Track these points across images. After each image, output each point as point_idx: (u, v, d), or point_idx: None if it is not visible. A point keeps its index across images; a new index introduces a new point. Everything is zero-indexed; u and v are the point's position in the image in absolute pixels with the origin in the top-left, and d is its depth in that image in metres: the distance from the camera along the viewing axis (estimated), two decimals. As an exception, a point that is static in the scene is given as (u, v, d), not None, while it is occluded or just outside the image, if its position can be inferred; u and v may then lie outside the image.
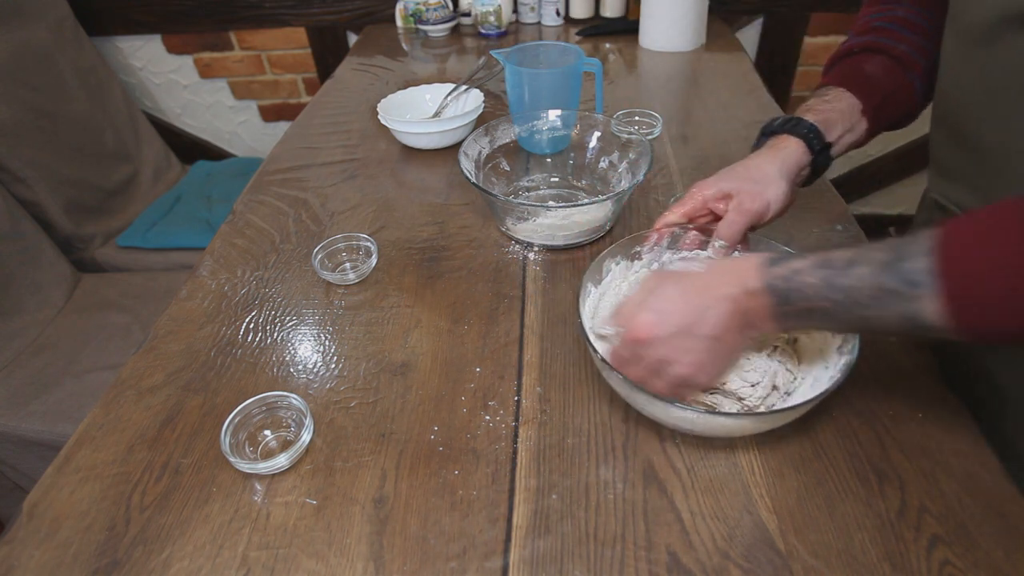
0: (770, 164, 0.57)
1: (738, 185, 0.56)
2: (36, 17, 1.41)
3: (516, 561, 0.45)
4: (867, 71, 0.60)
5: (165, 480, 0.52)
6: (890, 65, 0.60)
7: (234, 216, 0.85)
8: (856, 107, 0.59)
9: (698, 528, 0.47)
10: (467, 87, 1.04)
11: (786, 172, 0.57)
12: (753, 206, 0.56)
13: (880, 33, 0.61)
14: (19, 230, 1.24)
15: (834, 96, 0.60)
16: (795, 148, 0.57)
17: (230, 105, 1.87)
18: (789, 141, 0.58)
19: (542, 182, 0.87)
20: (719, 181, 0.57)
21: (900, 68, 0.60)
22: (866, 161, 1.86)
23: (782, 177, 0.56)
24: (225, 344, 0.65)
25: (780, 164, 0.57)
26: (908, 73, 0.60)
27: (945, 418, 0.53)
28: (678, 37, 1.31)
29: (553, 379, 0.59)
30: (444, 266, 0.73)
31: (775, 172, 0.56)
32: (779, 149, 0.58)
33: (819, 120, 0.58)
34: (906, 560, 0.44)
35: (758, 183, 0.56)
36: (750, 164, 0.57)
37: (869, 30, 0.63)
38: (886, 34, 0.61)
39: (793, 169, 0.57)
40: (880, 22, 0.62)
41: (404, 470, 0.52)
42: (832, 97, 0.60)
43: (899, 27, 0.61)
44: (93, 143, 1.48)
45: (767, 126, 0.61)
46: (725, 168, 0.59)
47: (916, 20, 0.61)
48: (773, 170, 0.56)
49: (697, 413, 0.47)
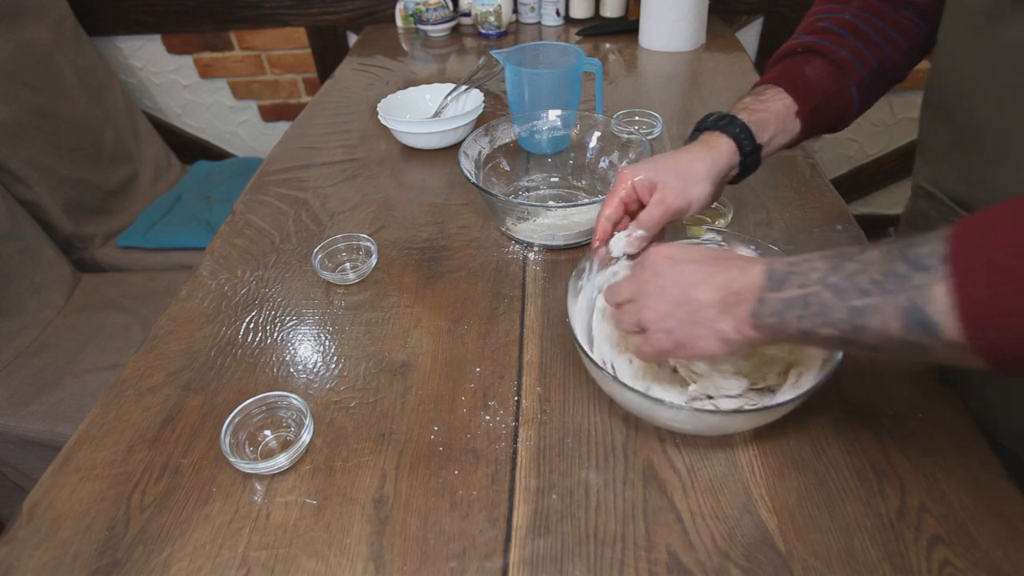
0: (700, 162, 0.57)
1: (664, 178, 0.56)
2: (36, 17, 1.41)
3: (516, 561, 0.45)
4: (806, 73, 0.60)
5: (165, 480, 0.52)
6: (830, 69, 0.60)
7: (234, 216, 0.85)
8: (791, 108, 0.60)
9: (698, 528, 0.47)
10: (467, 87, 1.04)
11: (714, 173, 0.57)
12: (675, 203, 0.56)
13: (824, 35, 0.61)
14: (19, 230, 1.24)
15: (771, 96, 0.60)
16: (726, 148, 0.58)
17: (230, 105, 1.87)
18: (721, 140, 0.58)
19: (542, 182, 0.87)
20: (647, 169, 0.57)
21: (839, 73, 0.60)
22: (866, 161, 1.86)
23: (708, 177, 0.57)
24: (225, 344, 0.65)
25: (710, 164, 0.57)
26: (846, 78, 0.60)
27: (945, 418, 0.53)
28: (678, 37, 1.31)
29: (553, 379, 0.59)
30: (444, 266, 0.73)
31: (703, 171, 0.57)
32: (711, 148, 0.58)
33: (753, 120, 0.58)
34: (906, 560, 0.44)
35: (684, 180, 0.56)
36: (680, 159, 0.57)
37: (814, 30, 0.63)
38: (829, 36, 0.61)
39: (722, 170, 0.58)
40: (826, 23, 0.62)
41: (404, 470, 0.52)
42: (768, 97, 0.60)
43: (843, 31, 0.61)
44: (93, 143, 1.48)
45: (702, 121, 0.61)
46: (656, 155, 0.59)
47: (861, 26, 0.61)
48: (702, 169, 0.57)
49: (678, 411, 0.47)
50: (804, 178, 0.85)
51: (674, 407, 0.47)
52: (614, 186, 0.59)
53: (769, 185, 0.83)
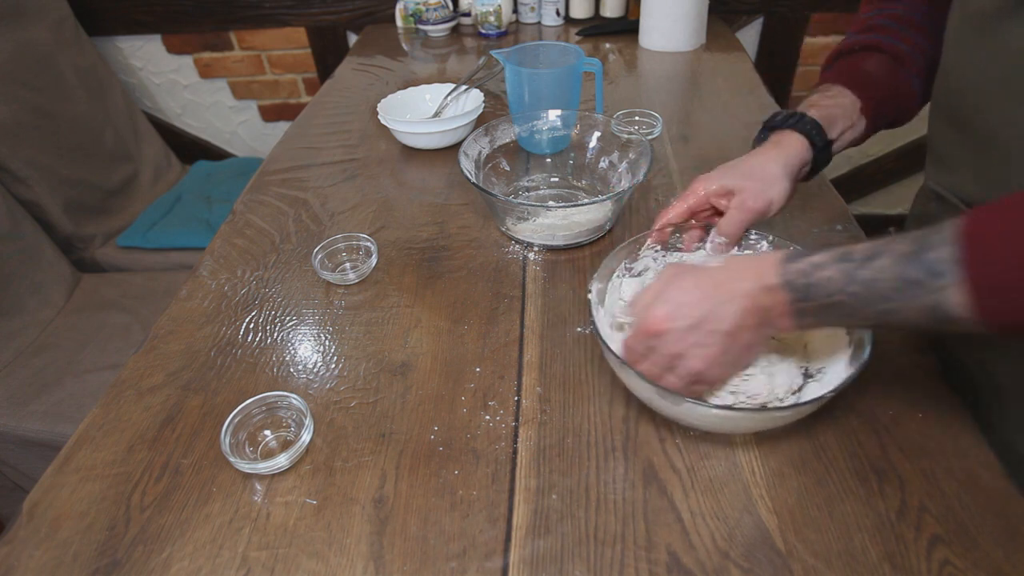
0: (774, 163, 0.57)
1: (742, 183, 0.56)
2: (36, 17, 1.41)
3: (516, 561, 0.45)
4: (866, 69, 0.60)
5: (165, 480, 0.52)
6: (889, 64, 0.60)
7: (234, 216, 0.85)
8: (856, 105, 0.60)
9: (698, 528, 0.47)
10: (467, 87, 1.04)
11: (789, 170, 0.57)
12: (756, 205, 0.56)
13: (879, 31, 0.61)
14: (19, 230, 1.24)
15: (836, 93, 0.60)
16: (798, 145, 0.57)
17: (230, 105, 1.87)
18: (792, 137, 0.58)
19: (542, 182, 0.87)
20: (722, 177, 0.57)
21: (899, 67, 0.60)
22: (866, 161, 1.86)
23: (786, 176, 0.56)
24: (225, 344, 0.65)
25: (784, 162, 0.57)
26: (907, 72, 0.60)
27: (945, 418, 0.53)
28: (678, 37, 1.31)
29: (553, 379, 0.59)
30: (444, 266, 0.73)
31: (779, 171, 0.56)
32: (783, 146, 0.57)
33: (822, 116, 0.58)
34: (906, 560, 0.44)
35: (762, 181, 0.56)
36: (754, 162, 0.57)
37: (868, 28, 0.62)
38: (885, 32, 0.61)
39: (796, 167, 0.57)
40: (880, 20, 0.62)
41: (404, 470, 0.52)
42: (834, 94, 0.60)
43: (898, 25, 0.61)
44: (93, 143, 1.48)
45: (770, 120, 0.61)
46: (728, 163, 0.59)
47: (915, 18, 0.61)
48: (777, 169, 0.56)
49: (716, 409, 0.46)
50: (804, 178, 0.85)
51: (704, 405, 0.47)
52: (683, 194, 0.59)
53: (769, 185, 0.83)
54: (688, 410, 0.48)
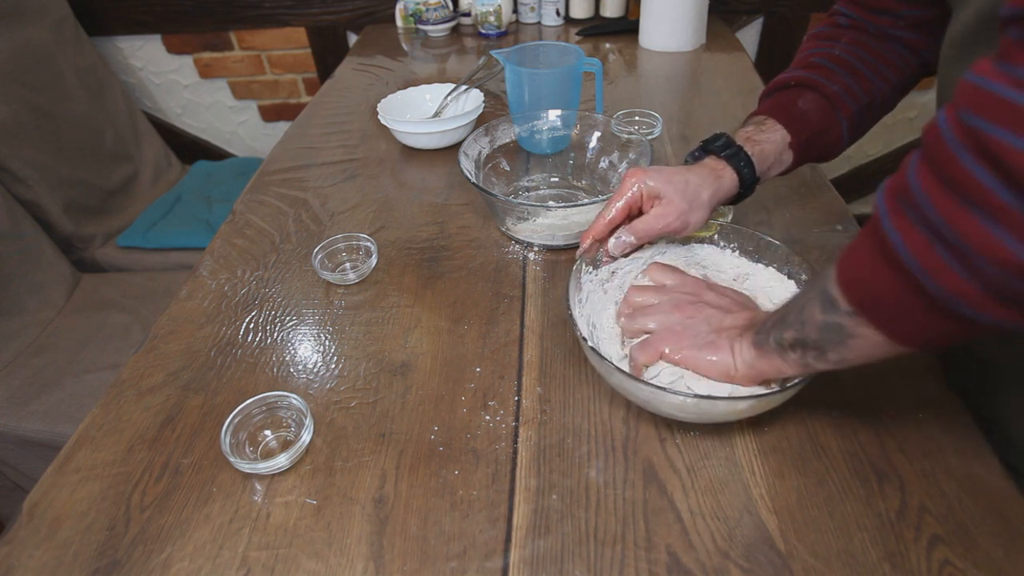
0: (706, 190, 0.58)
1: (671, 195, 0.57)
2: (36, 17, 1.41)
3: (516, 561, 0.45)
4: (800, 107, 0.62)
5: (165, 480, 0.52)
6: (821, 103, 0.62)
7: (234, 216, 0.85)
8: (786, 140, 0.62)
9: (698, 528, 0.47)
10: (467, 87, 1.04)
11: (714, 202, 0.59)
12: (674, 223, 0.58)
13: (816, 70, 0.63)
14: (19, 230, 1.24)
15: (769, 127, 0.62)
16: (729, 180, 0.60)
17: (230, 105, 1.87)
18: (727, 172, 0.60)
19: (542, 182, 0.87)
20: (656, 179, 0.58)
21: (830, 107, 0.62)
22: (866, 161, 1.86)
23: (709, 205, 0.59)
24: (225, 344, 0.65)
25: (712, 192, 0.59)
26: (837, 112, 0.62)
27: (945, 418, 0.53)
28: (678, 37, 1.31)
29: (553, 379, 0.59)
30: (444, 266, 0.73)
31: (706, 199, 0.58)
32: (717, 177, 0.59)
33: (756, 152, 0.60)
34: (906, 560, 0.44)
35: (689, 203, 0.58)
36: (690, 180, 0.58)
37: (807, 65, 0.64)
38: (822, 72, 0.63)
39: (722, 199, 0.60)
40: (817, 58, 0.64)
41: (404, 470, 0.52)
42: (768, 128, 0.62)
43: (834, 66, 0.63)
44: (93, 143, 1.48)
45: (708, 142, 0.62)
46: (663, 167, 0.60)
47: (851, 60, 0.62)
48: (706, 196, 0.58)
49: (685, 397, 0.47)
50: (804, 178, 0.85)
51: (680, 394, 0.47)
52: (619, 188, 0.59)
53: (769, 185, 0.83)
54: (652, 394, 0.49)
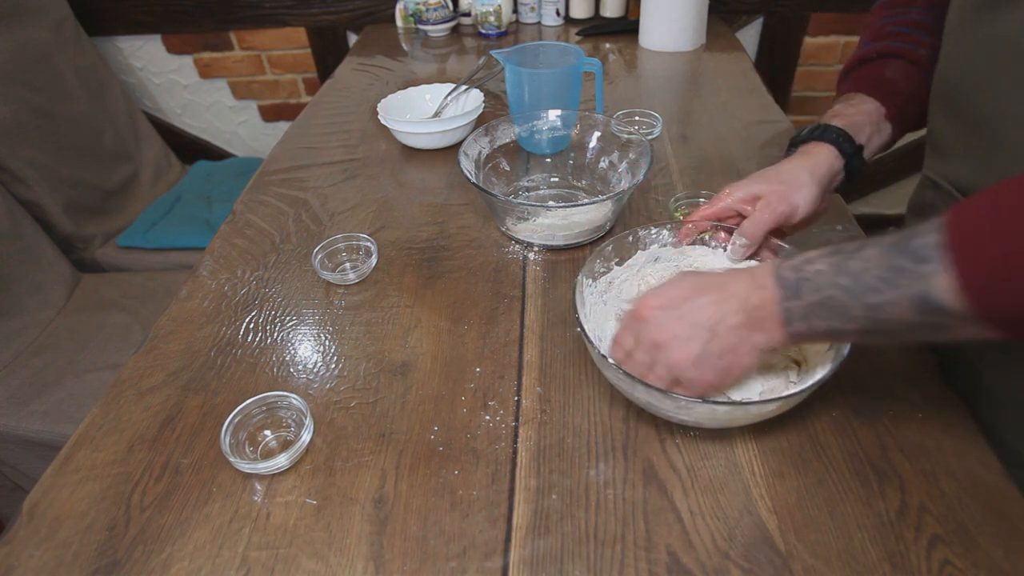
0: (801, 168, 0.57)
1: (767, 187, 0.57)
2: (36, 17, 1.41)
3: (516, 561, 0.45)
4: (886, 76, 0.61)
5: (165, 480, 0.52)
6: (909, 69, 0.60)
7: (234, 216, 0.85)
8: (880, 111, 0.60)
9: (698, 528, 0.47)
10: (467, 87, 1.04)
11: (817, 177, 0.57)
12: (780, 207, 0.56)
13: (896, 38, 0.62)
14: (19, 230, 1.24)
15: (858, 101, 0.60)
16: (826, 153, 0.58)
17: (230, 105, 1.87)
18: (819, 147, 0.58)
19: (542, 182, 0.87)
20: (750, 184, 0.58)
21: (919, 71, 0.60)
22: (866, 161, 1.86)
23: (813, 181, 0.56)
24: (225, 344, 0.65)
25: (811, 169, 0.57)
26: (927, 75, 0.60)
27: (945, 418, 0.53)
28: (678, 37, 1.31)
29: (553, 379, 0.59)
30: (444, 266, 0.73)
31: (806, 176, 0.56)
32: (810, 155, 0.58)
33: (847, 124, 0.58)
34: (906, 560, 0.44)
35: (787, 185, 0.56)
36: (781, 168, 0.58)
37: (884, 35, 0.63)
38: (902, 38, 0.61)
39: (825, 174, 0.57)
40: (894, 26, 0.62)
41: (404, 470, 0.52)
42: (856, 101, 0.60)
43: (915, 30, 0.61)
44: (93, 143, 1.48)
45: (795, 137, 0.61)
46: (756, 172, 0.59)
47: (930, 22, 0.61)
48: (804, 174, 0.57)
49: (688, 401, 0.47)
50: (804, 178, 0.85)
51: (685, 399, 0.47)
52: (713, 199, 0.59)
53: (769, 185, 0.83)
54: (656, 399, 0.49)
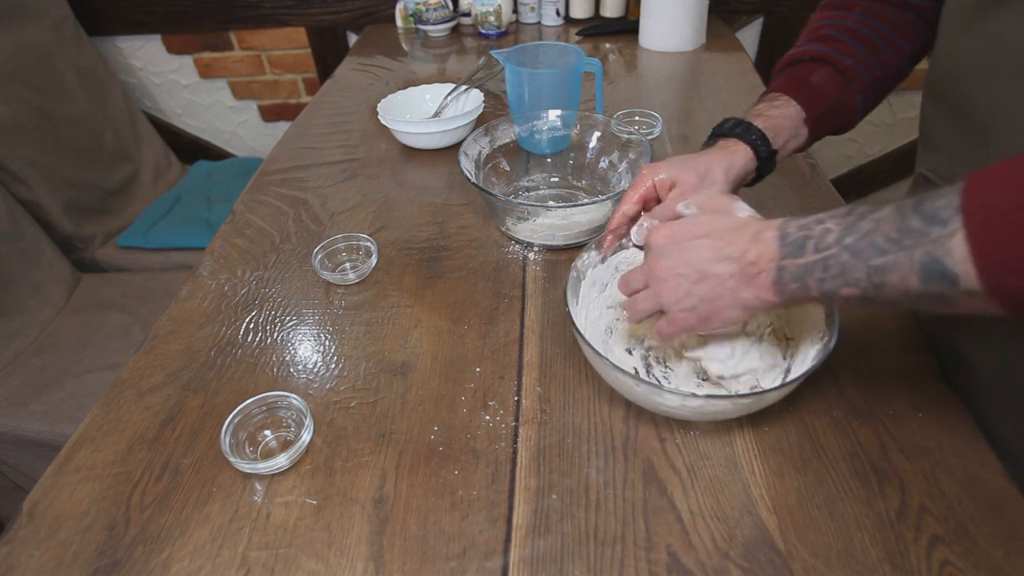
0: (718, 166, 0.58)
1: (684, 176, 0.57)
2: (36, 17, 1.41)
3: (516, 561, 0.45)
4: (813, 82, 0.62)
5: (165, 480, 0.52)
6: (835, 77, 0.61)
7: (234, 216, 0.85)
8: (800, 115, 0.61)
9: (698, 528, 0.47)
10: (467, 87, 1.04)
11: (731, 176, 0.58)
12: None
13: (829, 43, 0.62)
14: (19, 230, 1.24)
15: (782, 103, 0.62)
16: (743, 154, 0.59)
17: (230, 105, 1.87)
18: (739, 147, 0.59)
19: (542, 182, 0.87)
20: (669, 167, 0.58)
21: (844, 81, 0.61)
22: (866, 161, 1.86)
23: (725, 180, 0.58)
24: (225, 344, 0.65)
25: (727, 167, 0.58)
26: (851, 86, 0.62)
27: (945, 418, 0.53)
28: (678, 37, 1.31)
29: (553, 379, 0.59)
30: (444, 266, 0.73)
31: (720, 174, 0.58)
32: (728, 152, 0.59)
33: (768, 127, 0.60)
34: (906, 560, 0.44)
35: (702, 180, 0.57)
36: (700, 161, 0.58)
37: (820, 38, 0.64)
38: (834, 44, 0.62)
39: (739, 174, 0.59)
40: (830, 30, 0.63)
41: (404, 470, 0.52)
42: (781, 103, 0.62)
43: (848, 38, 0.62)
44: (93, 143, 1.48)
45: (719, 127, 0.62)
46: (676, 157, 0.60)
47: (864, 32, 0.62)
48: (719, 172, 0.58)
49: (683, 397, 0.47)
50: (804, 178, 0.85)
51: (677, 393, 0.47)
52: (634, 182, 0.60)
53: (769, 185, 0.83)
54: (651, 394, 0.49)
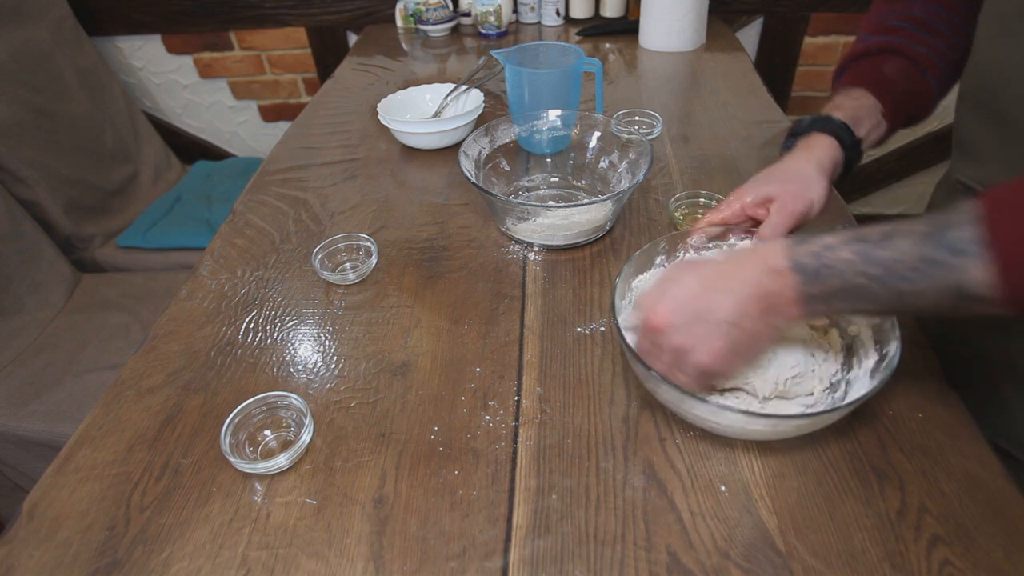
0: (807, 163, 0.57)
1: (779, 188, 0.56)
2: (36, 17, 1.41)
3: (516, 561, 0.45)
4: (885, 72, 0.61)
5: (165, 480, 0.52)
6: (908, 67, 0.60)
7: (234, 216, 0.85)
8: (878, 107, 0.60)
9: (698, 528, 0.47)
10: (467, 87, 1.04)
11: (824, 170, 0.57)
12: (797, 207, 0.55)
13: (897, 33, 0.61)
14: (19, 230, 1.24)
15: (858, 95, 0.61)
16: (828, 145, 0.58)
17: (230, 105, 1.87)
18: (821, 139, 0.58)
19: (542, 182, 0.87)
20: (758, 186, 0.57)
21: (917, 70, 0.60)
22: (866, 161, 1.85)
23: (822, 176, 0.56)
24: (225, 344, 0.65)
25: (817, 162, 0.57)
26: (925, 75, 0.60)
27: (945, 418, 0.53)
28: (678, 37, 1.31)
29: (553, 379, 0.59)
30: (444, 266, 0.73)
31: (814, 171, 0.56)
32: (813, 148, 0.57)
33: (847, 117, 0.58)
34: (906, 560, 0.44)
35: (799, 183, 0.56)
36: (787, 167, 0.57)
37: (885, 29, 0.62)
38: (903, 34, 0.61)
39: (829, 166, 0.57)
40: (896, 21, 0.62)
41: (404, 470, 0.52)
42: (857, 95, 0.61)
43: (916, 27, 0.61)
44: (93, 143, 1.48)
45: (796, 127, 0.61)
46: (761, 172, 0.58)
47: (932, 21, 0.61)
48: (811, 169, 0.56)
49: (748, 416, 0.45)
50: (804, 178, 0.85)
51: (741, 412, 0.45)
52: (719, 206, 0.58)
53: (769, 185, 0.83)
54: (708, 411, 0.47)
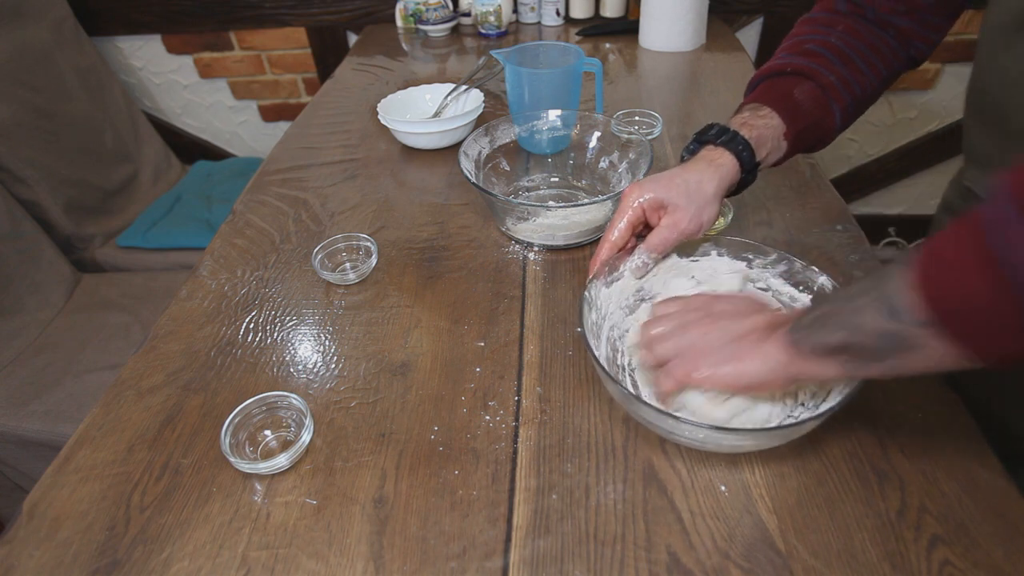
0: (709, 183, 0.57)
1: (677, 201, 0.56)
2: (36, 17, 1.41)
3: (516, 561, 0.45)
4: (795, 97, 0.61)
5: (165, 480, 0.52)
6: (817, 93, 0.61)
7: (234, 216, 0.85)
8: (781, 128, 0.60)
9: (698, 528, 0.47)
10: (467, 87, 1.04)
11: (720, 192, 0.58)
12: (689, 227, 0.56)
13: (812, 58, 0.61)
14: (19, 230, 1.24)
15: (766, 114, 0.61)
16: (730, 166, 0.58)
17: (230, 105, 1.87)
18: (725, 158, 0.58)
19: (542, 182, 0.87)
20: (657, 188, 0.57)
21: (825, 98, 0.61)
22: (866, 161, 1.86)
23: (716, 198, 0.57)
24: (225, 344, 0.65)
25: (717, 183, 0.57)
26: (832, 104, 0.61)
27: (945, 418, 0.53)
28: (678, 37, 1.31)
29: (553, 379, 0.59)
30: (444, 266, 0.73)
31: (713, 192, 0.57)
32: (717, 166, 0.58)
33: (753, 137, 0.58)
34: (906, 560, 0.44)
35: (695, 203, 0.56)
36: (690, 178, 0.57)
37: (802, 52, 0.63)
38: (818, 60, 0.61)
39: (725, 188, 0.58)
40: (813, 45, 0.62)
41: (404, 470, 0.52)
42: (764, 114, 0.61)
43: (830, 54, 0.61)
44: (93, 143, 1.48)
45: (703, 133, 0.61)
46: (661, 173, 0.58)
47: (846, 51, 0.61)
48: (712, 189, 0.57)
49: (699, 427, 0.46)
50: (804, 178, 0.85)
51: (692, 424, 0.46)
52: (619, 207, 0.58)
53: (769, 185, 0.83)
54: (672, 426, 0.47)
